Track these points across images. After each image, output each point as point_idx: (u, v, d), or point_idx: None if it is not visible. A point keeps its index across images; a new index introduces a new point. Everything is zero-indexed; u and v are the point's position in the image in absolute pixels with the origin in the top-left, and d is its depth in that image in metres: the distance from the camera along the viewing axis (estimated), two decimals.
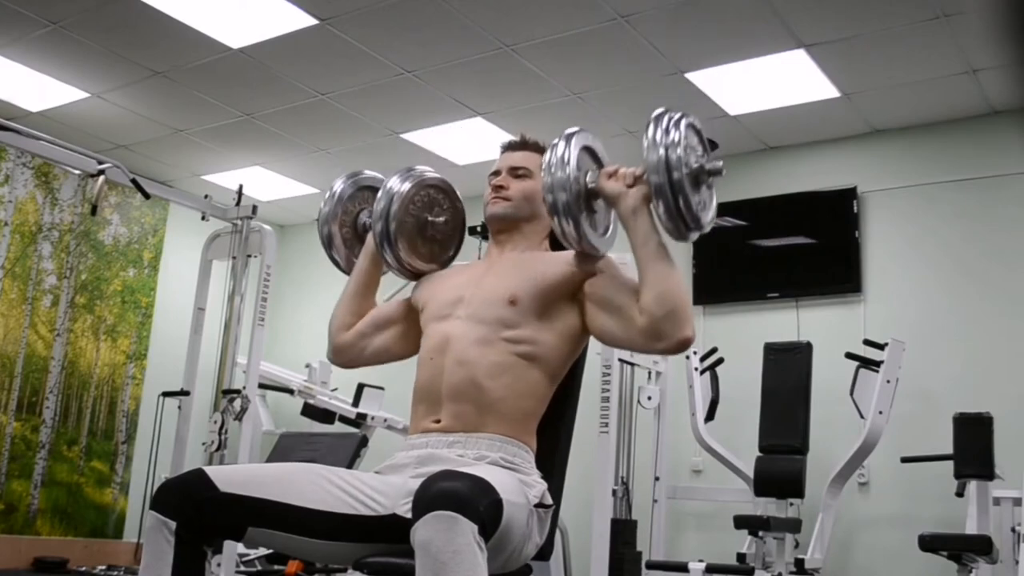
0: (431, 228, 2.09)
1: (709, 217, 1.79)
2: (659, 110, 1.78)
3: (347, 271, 2.19)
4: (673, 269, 1.73)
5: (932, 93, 4.72)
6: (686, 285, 1.74)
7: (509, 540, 1.59)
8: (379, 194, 2.05)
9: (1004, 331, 4.59)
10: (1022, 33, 0.68)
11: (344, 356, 2.08)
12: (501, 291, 1.88)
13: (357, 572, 1.72)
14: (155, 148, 6.04)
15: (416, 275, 2.08)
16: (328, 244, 2.21)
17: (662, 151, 1.70)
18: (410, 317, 2.03)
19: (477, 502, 1.45)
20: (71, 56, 4.86)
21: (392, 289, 2.36)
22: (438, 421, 1.82)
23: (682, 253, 5.45)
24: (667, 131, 1.71)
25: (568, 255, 1.90)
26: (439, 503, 1.42)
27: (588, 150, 1.85)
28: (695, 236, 1.78)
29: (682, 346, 1.72)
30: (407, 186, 2.04)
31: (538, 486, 1.76)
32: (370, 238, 2.10)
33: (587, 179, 1.81)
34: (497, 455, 1.75)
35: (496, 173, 2.06)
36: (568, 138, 1.82)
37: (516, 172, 2.03)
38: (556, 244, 2.04)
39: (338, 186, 2.21)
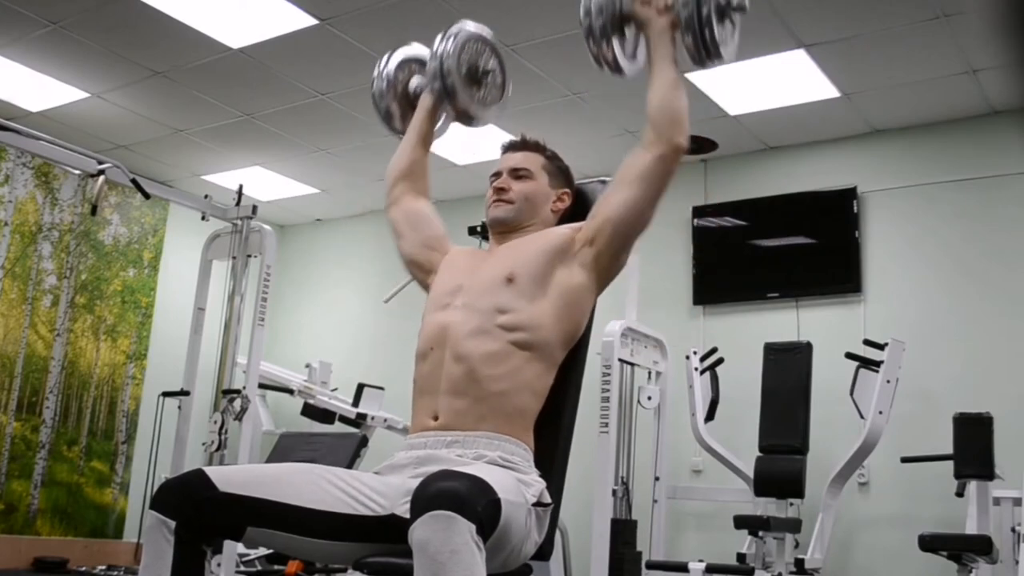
0: (481, 75, 2.25)
1: (730, 50, 1.95)
2: None
3: (403, 134, 2.34)
4: (680, 83, 1.89)
5: (932, 93, 4.72)
6: (687, 100, 1.89)
7: (508, 539, 1.59)
8: (430, 57, 2.21)
9: (1004, 331, 4.59)
10: (1022, 33, 0.68)
11: (387, 199, 2.22)
12: (498, 272, 1.90)
13: (357, 572, 1.73)
14: (155, 148, 6.04)
15: (474, 120, 2.24)
16: (388, 118, 2.36)
17: None
18: (429, 248, 2.11)
19: (475, 502, 1.45)
20: (71, 56, 4.86)
21: (397, 286, 2.36)
22: (436, 418, 1.82)
23: (682, 253, 5.45)
24: None
25: (564, 225, 1.99)
26: (437, 503, 1.42)
27: None
28: (714, 65, 1.94)
29: (676, 151, 1.85)
30: (451, 44, 2.19)
31: (536, 485, 1.76)
32: (424, 97, 2.24)
33: (622, 3, 1.95)
34: (495, 454, 1.75)
35: (497, 174, 2.06)
36: None
37: (517, 173, 2.04)
38: None
39: (384, 64, 2.36)
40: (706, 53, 1.89)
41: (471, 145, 5.61)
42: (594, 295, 1.94)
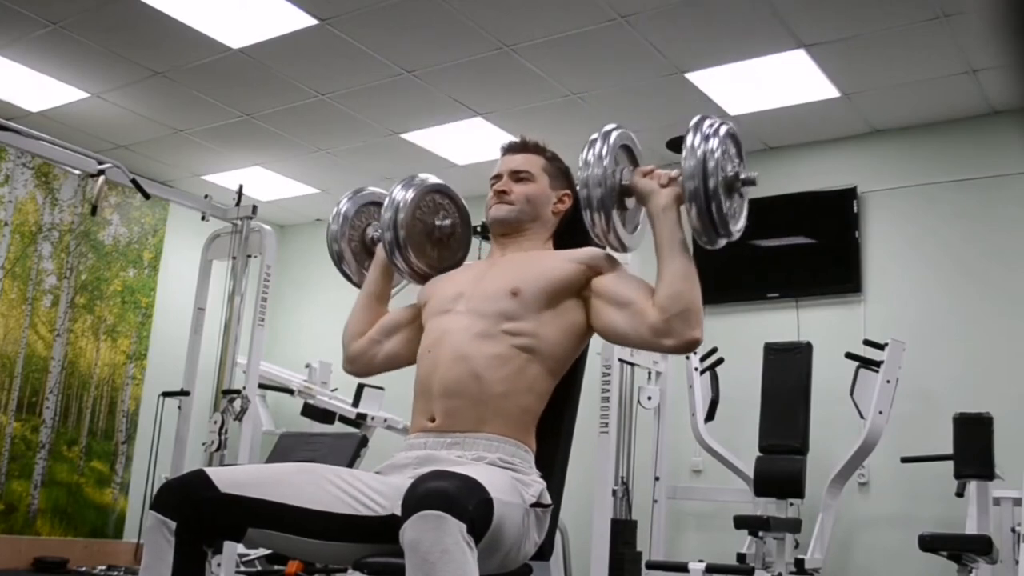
0: (438, 232, 2.12)
1: (739, 225, 1.86)
2: (699, 116, 1.83)
3: (359, 285, 2.21)
4: (692, 271, 1.78)
5: (932, 93, 4.72)
6: (700, 290, 1.79)
7: (503, 540, 1.59)
8: (384, 205, 2.08)
9: (1004, 331, 4.59)
10: (1022, 33, 0.68)
11: (357, 364, 2.10)
12: (503, 284, 1.88)
13: (357, 572, 1.73)
14: (155, 148, 6.04)
15: (427, 278, 2.10)
16: (339, 260, 2.23)
17: (700, 156, 1.75)
18: (418, 321, 2.04)
19: (465, 501, 1.45)
20: (71, 56, 4.86)
21: (396, 287, 2.37)
22: (432, 419, 1.82)
23: None
24: (706, 137, 1.76)
25: (574, 253, 1.92)
26: (427, 503, 1.43)
27: (625, 148, 1.90)
28: (723, 243, 1.83)
29: (690, 346, 1.77)
30: (411, 194, 2.07)
31: (536, 485, 1.76)
32: (379, 250, 2.13)
33: (622, 175, 1.85)
34: (495, 455, 1.75)
35: (498, 177, 2.06)
36: (607, 135, 1.86)
37: (518, 175, 2.03)
38: (560, 245, 2.05)
39: (343, 204, 2.24)
40: (713, 230, 1.78)
41: (471, 145, 5.61)
42: (589, 335, 1.93)
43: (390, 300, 2.20)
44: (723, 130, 1.79)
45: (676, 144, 5.28)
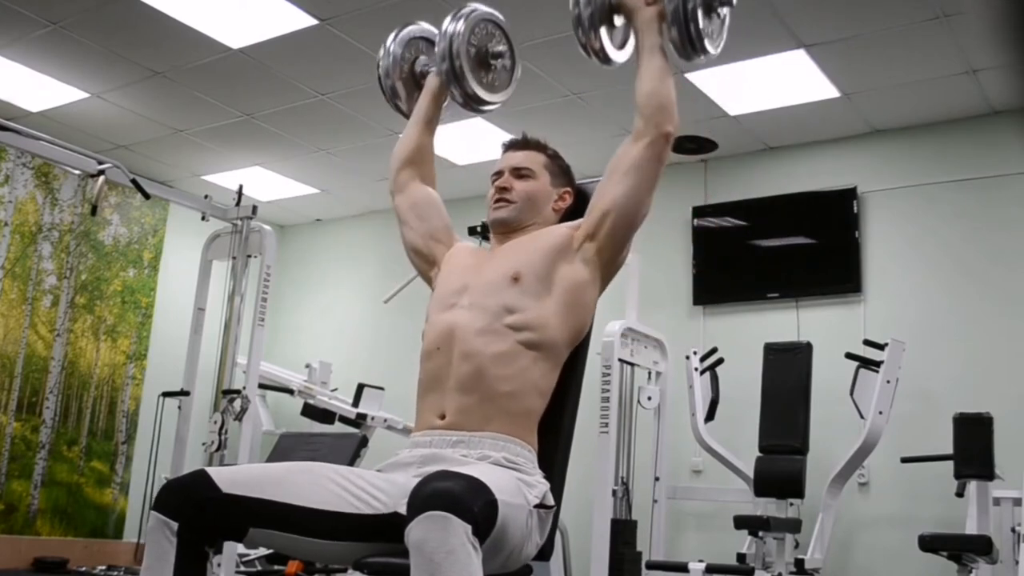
0: (491, 58, 2.23)
1: (716, 46, 1.96)
2: None
3: (409, 116, 2.31)
4: (667, 71, 1.90)
5: (932, 93, 4.72)
6: (674, 87, 1.90)
7: (507, 540, 1.59)
8: (438, 37, 2.19)
9: (1004, 331, 4.59)
10: (1022, 33, 0.68)
11: (391, 184, 2.21)
12: (504, 271, 1.90)
13: (357, 572, 1.72)
14: (155, 148, 6.04)
15: (482, 105, 2.22)
16: (393, 96, 2.34)
17: None
18: (433, 239, 2.10)
19: (471, 502, 1.46)
20: (71, 56, 4.86)
21: (397, 286, 2.36)
22: (443, 416, 1.82)
23: (682, 253, 5.45)
24: None
25: (561, 225, 1.99)
26: (433, 503, 1.43)
27: None
28: (701, 59, 1.95)
29: (666, 138, 1.87)
30: (461, 25, 2.17)
31: (540, 486, 1.76)
32: (431, 79, 2.24)
33: None
34: (500, 455, 1.76)
35: (499, 174, 2.06)
36: None
37: (519, 172, 2.04)
38: None
39: (390, 42, 2.35)
40: (691, 47, 1.90)
41: (471, 145, 5.61)
42: (597, 290, 1.94)
43: (391, 297, 2.20)
44: None
45: None
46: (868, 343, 4.47)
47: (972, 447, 4.00)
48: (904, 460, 4.38)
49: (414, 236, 2.12)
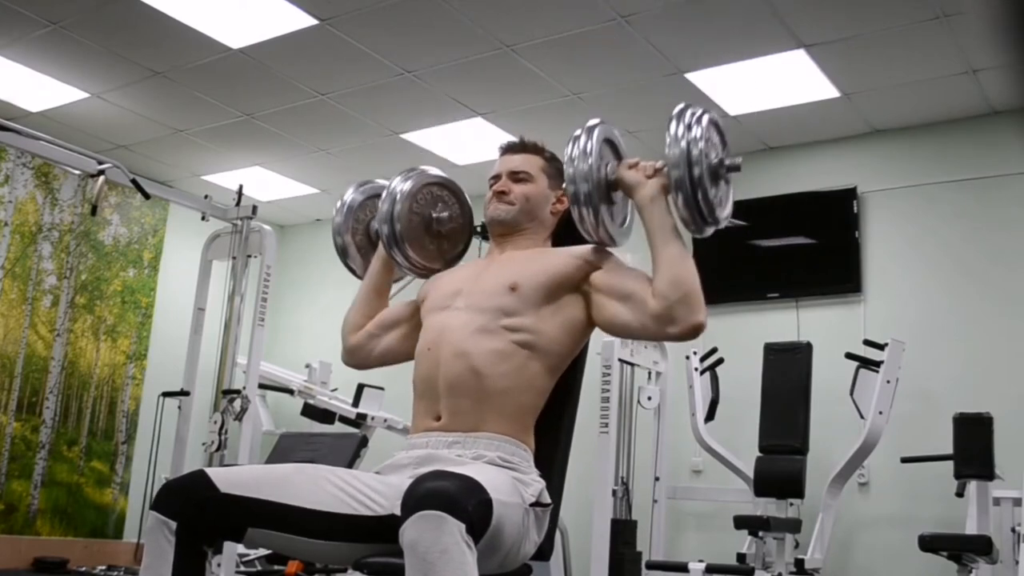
0: (436, 224, 2.11)
1: (725, 212, 1.85)
2: (681, 105, 1.82)
3: (363, 278, 2.20)
4: (687, 255, 1.77)
5: (932, 93, 4.72)
6: (697, 273, 1.78)
7: (503, 540, 1.59)
8: (382, 197, 2.07)
9: (1004, 331, 4.59)
10: (1022, 33, 0.68)
11: (355, 357, 2.11)
12: (502, 280, 1.89)
13: (357, 572, 1.73)
14: (155, 148, 6.04)
15: (427, 273, 2.10)
16: (343, 254, 2.22)
17: (684, 145, 1.75)
18: (416, 317, 2.04)
19: (465, 502, 1.46)
20: (71, 56, 4.86)
21: (397, 286, 2.36)
22: (438, 418, 1.82)
23: None
24: (689, 127, 1.76)
25: (573, 249, 1.93)
26: (426, 503, 1.43)
27: (609, 142, 1.89)
28: (710, 231, 1.84)
29: (695, 331, 1.76)
30: (408, 185, 2.06)
31: (535, 485, 1.76)
32: (381, 245, 2.11)
33: (607, 170, 1.85)
34: (495, 454, 1.76)
35: (496, 177, 2.05)
36: (590, 130, 1.86)
37: (516, 176, 2.03)
38: (557, 244, 2.05)
39: (348, 196, 2.23)
40: (700, 218, 1.78)
41: (471, 145, 5.61)
42: (591, 330, 1.92)
43: (394, 296, 2.20)
44: (705, 119, 1.79)
45: None
46: (868, 343, 4.47)
47: (972, 447, 4.00)
48: (904, 460, 4.38)
49: (402, 338, 2.06)
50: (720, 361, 4.90)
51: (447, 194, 2.14)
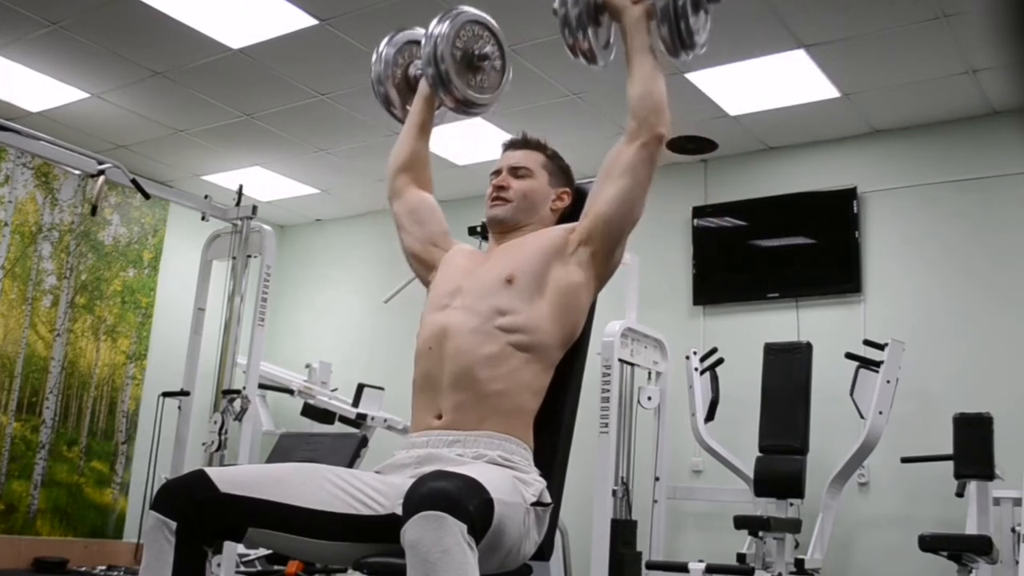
0: (478, 59, 2.21)
1: (703, 39, 1.96)
2: None
3: (404, 122, 2.31)
4: (658, 72, 1.91)
5: (932, 93, 4.72)
6: (665, 87, 1.91)
7: (504, 539, 1.59)
8: (423, 40, 2.17)
9: (1004, 331, 4.59)
10: (1022, 33, 0.68)
11: (388, 190, 2.22)
12: (497, 273, 1.90)
13: (357, 572, 1.73)
14: (155, 148, 6.04)
15: (472, 107, 2.21)
16: (386, 103, 2.35)
17: None
18: (431, 244, 2.10)
19: (466, 501, 1.46)
20: (71, 56, 4.86)
21: (397, 286, 2.36)
22: (439, 416, 1.82)
23: (682, 253, 5.45)
24: None
25: (561, 225, 1.99)
26: (428, 503, 1.43)
27: None
28: (688, 56, 1.95)
29: (658, 139, 1.88)
30: (447, 26, 2.15)
31: (536, 484, 1.76)
32: (422, 84, 2.22)
33: None
34: (496, 453, 1.76)
35: (497, 172, 2.06)
36: None
37: (517, 172, 2.04)
38: None
39: (383, 47, 2.36)
40: (680, 44, 1.91)
41: (471, 145, 5.61)
42: (592, 293, 1.94)
43: (394, 298, 2.21)
44: None
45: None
46: (868, 343, 4.47)
47: (972, 447, 4.00)
48: (904, 460, 4.38)
49: (413, 241, 2.13)
50: (720, 361, 4.90)
51: (482, 29, 2.24)
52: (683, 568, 4.17)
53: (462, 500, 1.45)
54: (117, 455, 6.25)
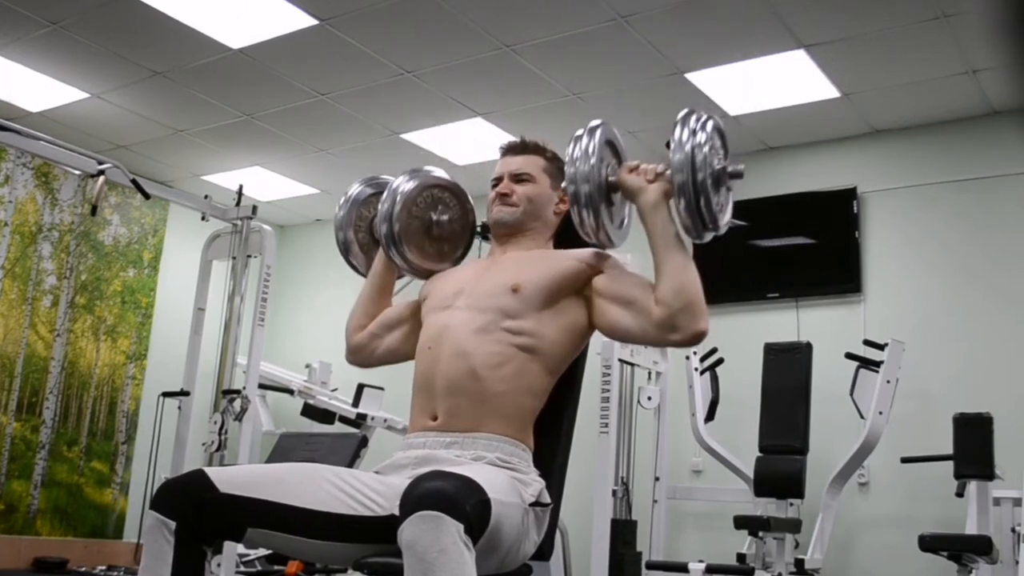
0: (437, 228, 2.09)
1: (726, 219, 1.84)
2: (685, 111, 1.82)
3: (366, 276, 2.19)
4: (690, 263, 1.78)
5: (932, 93, 4.72)
6: (700, 281, 1.78)
7: (502, 539, 1.59)
8: (383, 195, 2.06)
9: (1004, 331, 4.59)
10: (1022, 33, 0.68)
11: (358, 356, 2.12)
12: (504, 280, 1.89)
13: (357, 572, 1.73)
14: (155, 148, 6.04)
15: (427, 274, 2.09)
16: (345, 250, 2.20)
17: (688, 150, 1.74)
18: (418, 317, 2.03)
19: (463, 501, 1.46)
20: (71, 56, 4.86)
21: (397, 286, 2.36)
22: (435, 418, 1.82)
23: None
24: (694, 132, 1.76)
25: (575, 252, 1.92)
26: (424, 503, 1.43)
27: (610, 143, 1.88)
28: (710, 236, 1.82)
29: (697, 339, 1.76)
30: (410, 186, 2.05)
31: (535, 485, 1.76)
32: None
33: (608, 171, 1.84)
34: (494, 455, 1.76)
35: (499, 179, 2.05)
36: (592, 131, 1.84)
37: (518, 177, 2.03)
38: (560, 244, 2.05)
39: (353, 190, 2.21)
40: (702, 224, 1.78)
41: (471, 145, 5.61)
42: (591, 333, 1.92)
43: (397, 292, 2.20)
44: (710, 125, 1.79)
45: None
46: (868, 343, 4.47)
47: (972, 447, 4.00)
48: (904, 460, 4.38)
49: (404, 337, 2.05)
50: (720, 361, 4.90)
51: (449, 196, 2.12)
52: (683, 568, 4.17)
53: (459, 500, 1.45)
54: (117, 455, 6.25)
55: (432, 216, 2.08)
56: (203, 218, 4.54)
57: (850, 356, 4.45)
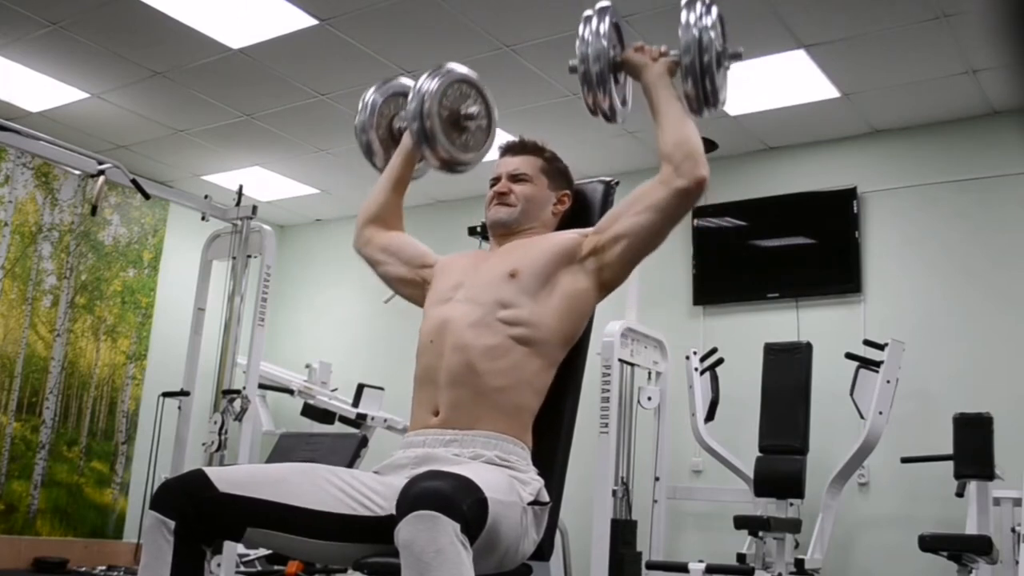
0: (464, 119, 2.17)
1: (723, 96, 1.95)
2: None
3: (382, 171, 2.29)
4: (688, 118, 1.87)
5: (932, 93, 4.72)
6: (698, 134, 1.87)
7: (500, 539, 1.59)
8: (410, 95, 2.13)
9: (1004, 331, 4.59)
10: (1022, 33, 0.68)
11: (357, 242, 2.22)
12: (501, 268, 1.91)
13: (357, 572, 1.73)
14: (155, 148, 6.04)
15: (455, 166, 2.16)
16: (368, 152, 2.31)
17: (696, 32, 1.85)
18: (416, 270, 2.10)
19: (460, 501, 1.46)
20: (71, 56, 4.86)
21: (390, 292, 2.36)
22: (436, 413, 1.82)
23: (682, 254, 5.45)
24: (700, 16, 1.86)
25: (568, 231, 1.97)
26: (421, 503, 1.43)
27: (616, 27, 1.97)
28: (709, 113, 1.94)
29: (700, 185, 1.83)
30: (436, 83, 2.11)
31: (534, 483, 1.76)
32: (404, 137, 2.20)
33: (615, 52, 1.95)
34: (492, 453, 1.76)
35: (497, 179, 2.06)
36: (602, 12, 1.94)
37: (516, 178, 2.04)
38: None
39: (370, 96, 2.30)
40: (705, 101, 1.89)
41: None
42: (595, 301, 1.93)
43: (387, 302, 2.21)
44: (714, 11, 1.89)
45: None
46: (868, 343, 4.47)
47: (972, 447, 4.00)
48: (904, 460, 4.38)
49: (396, 268, 2.13)
50: (720, 361, 4.90)
51: (471, 89, 2.21)
52: (683, 568, 4.17)
53: (455, 499, 1.45)
54: (117, 455, 6.25)
55: (460, 108, 2.17)
56: (203, 218, 4.55)
57: (850, 356, 4.45)
